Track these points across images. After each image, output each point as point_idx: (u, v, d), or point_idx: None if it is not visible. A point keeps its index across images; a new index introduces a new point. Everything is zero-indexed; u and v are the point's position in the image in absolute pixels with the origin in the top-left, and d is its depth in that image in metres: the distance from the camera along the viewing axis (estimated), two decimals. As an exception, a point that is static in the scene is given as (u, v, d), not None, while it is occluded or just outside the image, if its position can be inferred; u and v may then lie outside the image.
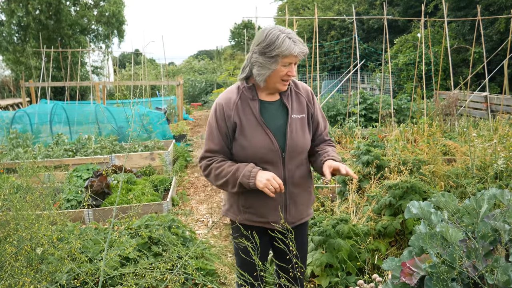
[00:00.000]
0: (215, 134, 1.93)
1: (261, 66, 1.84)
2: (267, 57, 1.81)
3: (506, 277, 1.51)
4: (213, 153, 1.94)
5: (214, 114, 1.95)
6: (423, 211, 1.76)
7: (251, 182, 1.81)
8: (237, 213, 2.00)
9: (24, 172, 2.86)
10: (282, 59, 1.80)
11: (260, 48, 1.83)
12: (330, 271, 2.75)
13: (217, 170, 1.90)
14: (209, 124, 1.97)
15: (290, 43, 1.78)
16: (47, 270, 2.16)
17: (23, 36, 17.78)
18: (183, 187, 5.89)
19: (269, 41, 1.80)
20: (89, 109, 8.03)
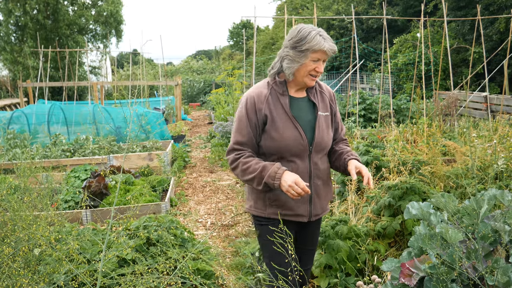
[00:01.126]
0: (244, 126, 1.99)
1: (291, 60, 1.95)
2: (297, 51, 1.93)
3: (506, 278, 1.51)
4: (241, 145, 2.00)
5: (244, 107, 2.01)
6: (422, 211, 1.76)
7: (276, 183, 1.88)
8: (262, 208, 2.05)
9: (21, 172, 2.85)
10: (311, 54, 1.91)
11: (291, 43, 1.95)
12: (329, 272, 2.74)
13: (244, 166, 1.96)
14: (238, 117, 2.02)
15: (320, 39, 1.90)
16: (45, 271, 2.15)
17: (21, 36, 17.73)
18: (182, 187, 5.88)
19: (300, 36, 1.92)
20: (87, 110, 8.01)
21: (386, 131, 6.28)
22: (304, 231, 2.15)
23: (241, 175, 1.98)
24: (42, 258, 2.26)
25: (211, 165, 7.13)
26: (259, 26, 31.88)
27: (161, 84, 12.84)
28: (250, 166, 1.94)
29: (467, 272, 1.53)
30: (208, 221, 4.61)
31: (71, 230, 2.99)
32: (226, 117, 8.32)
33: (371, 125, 8.22)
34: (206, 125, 12.24)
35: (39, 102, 11.05)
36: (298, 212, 2.03)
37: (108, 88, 17.88)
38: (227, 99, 9.89)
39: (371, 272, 2.80)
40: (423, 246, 1.65)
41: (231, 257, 3.58)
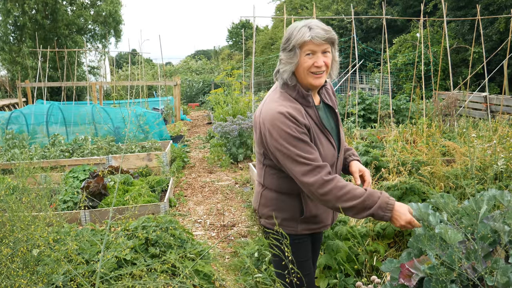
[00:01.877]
0: (306, 141, 1.69)
1: (283, 63, 1.75)
2: (286, 52, 1.73)
3: (506, 279, 1.51)
4: (319, 161, 1.69)
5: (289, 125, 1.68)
6: (421, 212, 1.75)
7: (386, 215, 1.65)
8: (293, 225, 1.84)
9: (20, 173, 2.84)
10: (300, 49, 1.69)
11: (281, 45, 1.76)
12: (328, 273, 2.74)
13: (341, 190, 1.65)
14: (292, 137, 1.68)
15: (305, 29, 1.67)
16: (44, 271, 2.14)
17: (19, 36, 17.70)
18: (181, 188, 5.87)
19: (288, 35, 1.72)
20: (85, 110, 8.00)
21: (386, 131, 6.28)
22: (318, 240, 2.07)
23: (336, 201, 1.65)
24: (40, 258, 2.25)
25: (210, 165, 7.12)
26: (258, 26, 31.91)
27: (160, 84, 12.83)
28: (348, 192, 1.64)
29: (466, 272, 1.53)
30: (207, 221, 4.60)
31: (70, 231, 2.98)
32: (225, 117, 8.32)
33: (371, 125, 8.23)
34: (205, 126, 12.23)
35: (38, 102, 11.03)
36: (327, 223, 1.91)
37: (107, 88, 17.86)
38: (226, 99, 9.88)
39: (370, 273, 2.79)
40: (422, 247, 1.65)
41: (230, 258, 3.57)
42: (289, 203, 1.85)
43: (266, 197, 1.88)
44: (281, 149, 1.69)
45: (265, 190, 1.88)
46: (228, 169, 6.86)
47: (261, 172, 1.90)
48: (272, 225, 1.84)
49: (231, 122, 7.29)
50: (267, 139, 1.74)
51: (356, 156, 2.00)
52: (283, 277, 1.81)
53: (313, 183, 1.66)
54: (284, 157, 1.70)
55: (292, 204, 1.85)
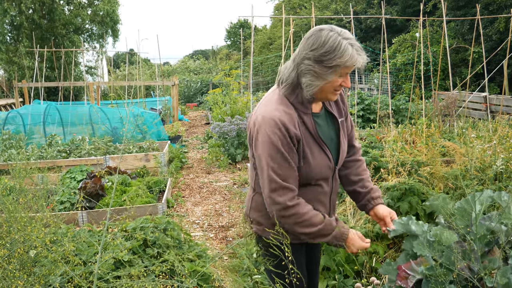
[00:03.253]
0: (286, 158, 1.61)
1: (315, 76, 1.57)
2: (324, 66, 1.55)
3: (506, 280, 1.50)
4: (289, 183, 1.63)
5: (278, 134, 1.59)
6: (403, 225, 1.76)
7: (339, 244, 1.70)
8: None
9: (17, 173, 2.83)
10: (341, 70, 1.56)
11: (315, 55, 1.55)
12: (327, 274, 2.73)
13: (301, 218, 1.64)
14: (273, 148, 1.60)
15: (353, 52, 1.54)
16: (40, 273, 2.13)
17: (16, 35, 17.63)
18: (179, 188, 5.85)
19: (328, 48, 1.53)
20: (83, 110, 7.98)
21: (385, 132, 6.27)
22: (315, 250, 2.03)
23: (293, 226, 1.65)
24: (37, 259, 2.24)
25: (208, 166, 7.10)
26: (257, 26, 31.90)
27: (158, 84, 12.81)
28: (308, 220, 1.64)
29: (463, 273, 1.53)
30: (205, 222, 4.59)
31: (67, 232, 2.97)
32: (223, 118, 8.31)
33: (370, 126, 8.22)
34: (203, 126, 12.22)
35: (35, 102, 10.99)
36: None
37: (104, 88, 17.82)
38: (224, 100, 9.87)
39: (369, 274, 2.78)
40: (417, 251, 1.64)
41: (228, 259, 3.56)
42: None
43: (257, 202, 1.81)
44: (260, 156, 1.63)
45: (256, 195, 1.82)
46: (226, 169, 6.84)
47: (253, 176, 1.83)
48: (262, 231, 1.78)
49: (229, 122, 7.28)
50: (253, 140, 1.68)
51: (381, 199, 1.90)
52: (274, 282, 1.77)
53: (278, 203, 1.63)
54: (260, 164, 1.65)
55: None
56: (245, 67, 14.56)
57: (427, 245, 1.63)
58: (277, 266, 1.72)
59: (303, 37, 1.66)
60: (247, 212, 1.89)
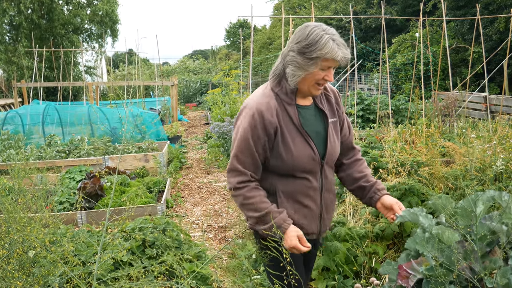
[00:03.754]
0: (249, 146, 1.73)
1: (297, 67, 1.69)
2: (306, 58, 1.67)
3: (506, 280, 1.50)
4: (244, 167, 1.76)
5: (250, 122, 1.72)
6: (410, 213, 1.74)
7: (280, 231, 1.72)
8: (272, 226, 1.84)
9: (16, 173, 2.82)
10: (322, 62, 1.67)
11: (299, 47, 1.68)
12: (327, 275, 2.73)
13: (246, 200, 1.75)
14: (242, 134, 1.74)
15: (334, 45, 1.64)
16: (40, 273, 2.12)
17: (15, 35, 17.61)
18: (178, 189, 5.84)
19: (310, 41, 1.65)
20: (82, 110, 7.97)
21: (385, 132, 6.27)
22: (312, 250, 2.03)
23: (240, 206, 1.80)
24: (36, 260, 2.24)
25: (208, 166, 7.10)
26: (256, 26, 31.89)
27: (157, 84, 12.80)
28: (253, 204, 1.74)
29: (464, 273, 1.53)
30: (204, 223, 4.58)
31: (66, 232, 2.96)
32: (223, 118, 8.30)
33: (369, 126, 8.22)
34: (202, 126, 12.21)
35: (34, 102, 10.98)
36: (310, 231, 1.86)
37: (103, 88, 17.79)
38: (224, 100, 9.86)
39: (369, 274, 2.78)
40: (420, 248, 1.64)
41: (227, 259, 3.55)
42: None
43: None
44: (233, 138, 1.81)
45: None
46: (225, 170, 6.83)
47: None
48: (252, 226, 1.84)
49: (229, 122, 7.27)
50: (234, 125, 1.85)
51: (385, 190, 1.94)
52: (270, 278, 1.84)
53: (230, 183, 1.80)
54: (232, 145, 1.83)
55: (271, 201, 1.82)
56: (245, 67, 14.55)
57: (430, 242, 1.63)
58: (274, 259, 1.75)
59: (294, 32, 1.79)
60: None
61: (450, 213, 1.70)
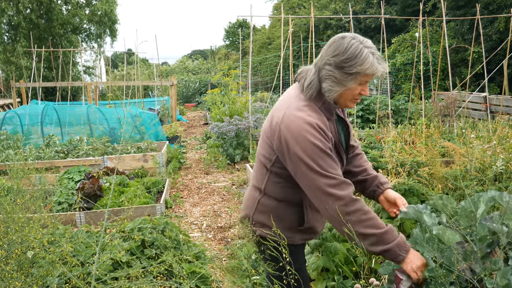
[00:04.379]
0: (334, 159, 1.64)
1: (335, 82, 1.62)
2: (344, 73, 1.60)
3: (506, 281, 1.49)
4: (347, 180, 1.65)
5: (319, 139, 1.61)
6: (416, 212, 1.73)
7: (401, 256, 1.57)
8: (291, 234, 1.81)
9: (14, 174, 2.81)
10: (361, 77, 1.61)
11: (337, 61, 1.60)
12: (326, 275, 2.72)
13: (366, 215, 1.59)
14: (320, 151, 1.61)
15: (374, 60, 1.59)
16: (38, 274, 2.11)
17: (14, 35, 17.58)
18: (177, 189, 5.83)
19: (350, 55, 1.58)
20: (80, 110, 7.95)
21: (384, 132, 6.27)
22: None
23: (357, 224, 1.58)
24: (35, 260, 2.23)
25: (207, 166, 7.09)
26: (256, 26, 31.86)
27: (156, 84, 12.78)
28: (372, 219, 1.58)
29: (464, 274, 1.52)
30: (203, 223, 4.57)
31: (65, 233, 2.95)
32: (222, 118, 8.29)
33: (369, 126, 8.21)
34: (201, 126, 12.20)
35: (33, 102, 10.96)
36: (319, 232, 1.90)
37: (102, 88, 17.77)
38: (223, 100, 9.85)
39: (368, 275, 2.78)
40: (420, 249, 1.63)
41: (227, 260, 3.55)
42: (289, 212, 1.80)
43: (264, 204, 1.81)
44: (306, 161, 1.60)
45: (264, 197, 1.82)
46: (225, 170, 6.83)
47: (262, 178, 1.82)
48: (269, 234, 1.75)
49: (228, 122, 7.27)
50: (289, 148, 1.64)
51: (389, 184, 1.92)
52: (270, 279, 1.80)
53: (343, 197, 1.59)
54: (308, 169, 1.61)
55: (292, 213, 1.81)
56: (244, 67, 14.55)
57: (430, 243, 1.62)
58: (281, 269, 1.72)
59: (327, 44, 1.69)
60: (249, 214, 1.86)
61: (451, 213, 1.69)
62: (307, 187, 1.65)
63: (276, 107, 1.78)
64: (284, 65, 13.00)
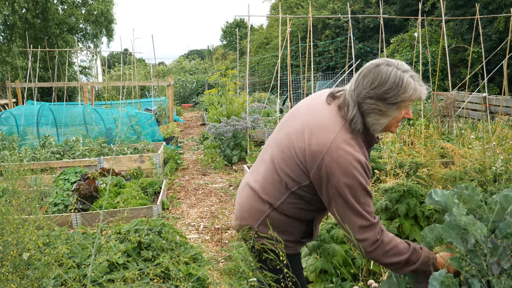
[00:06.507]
0: (371, 196, 1.65)
1: (380, 114, 1.58)
2: (388, 103, 1.56)
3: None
4: (376, 220, 1.64)
5: (364, 177, 1.60)
6: (447, 199, 1.63)
7: (429, 270, 1.60)
8: (294, 245, 1.82)
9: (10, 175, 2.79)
10: (406, 103, 1.58)
11: (378, 93, 1.55)
12: (324, 277, 2.71)
13: (388, 245, 1.61)
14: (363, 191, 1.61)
15: (416, 85, 1.56)
16: (34, 276, 2.10)
17: (9, 35, 17.46)
18: (174, 190, 5.81)
19: (391, 85, 1.54)
20: (76, 111, 7.91)
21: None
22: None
23: (382, 257, 1.61)
24: (31, 262, 2.21)
25: (204, 167, 7.06)
26: (253, 25, 31.87)
27: (153, 84, 12.74)
28: (394, 247, 1.61)
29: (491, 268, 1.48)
30: (200, 224, 4.55)
31: (60, 234, 2.92)
32: (219, 118, 8.27)
33: (367, 127, 8.21)
34: (198, 127, 12.17)
35: (28, 103, 10.90)
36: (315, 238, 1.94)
37: (98, 88, 17.70)
38: (220, 100, 9.83)
39: (367, 277, 2.76)
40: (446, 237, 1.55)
41: (224, 262, 3.53)
42: (297, 227, 1.80)
43: (273, 218, 1.75)
44: (347, 198, 1.58)
45: (273, 212, 1.75)
46: (222, 171, 6.81)
47: (278, 195, 1.72)
48: (273, 245, 1.70)
49: (225, 123, 7.24)
50: (331, 180, 1.59)
51: None
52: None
53: (367, 239, 1.61)
54: (346, 205, 1.60)
55: (300, 228, 1.81)
56: (241, 67, 14.53)
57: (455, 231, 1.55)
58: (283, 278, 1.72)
59: (359, 74, 1.63)
60: (252, 226, 1.79)
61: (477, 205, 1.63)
62: (338, 218, 1.65)
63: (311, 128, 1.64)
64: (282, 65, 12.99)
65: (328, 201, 1.65)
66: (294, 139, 1.66)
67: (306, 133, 1.63)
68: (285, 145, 1.69)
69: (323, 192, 1.64)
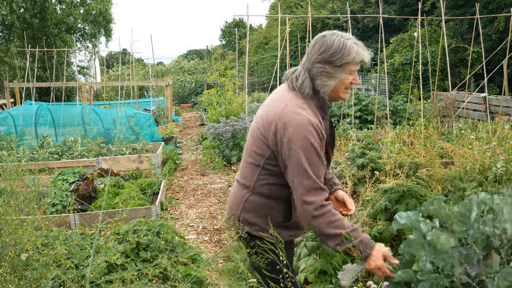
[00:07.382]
0: (322, 161, 1.72)
1: (328, 76, 1.73)
2: (334, 66, 1.71)
3: (507, 283, 1.49)
4: (323, 184, 1.72)
5: (315, 137, 1.69)
6: (411, 220, 1.74)
7: (367, 252, 1.66)
8: (279, 231, 1.83)
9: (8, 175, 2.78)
10: (350, 67, 1.72)
11: (325, 57, 1.71)
12: (324, 278, 2.70)
13: (333, 217, 1.69)
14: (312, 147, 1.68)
15: (359, 49, 1.71)
16: (32, 276, 2.09)
17: (7, 35, 17.43)
18: (172, 191, 5.79)
19: (336, 49, 1.70)
20: (75, 111, 7.90)
21: (382, 133, 6.26)
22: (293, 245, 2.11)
23: (326, 226, 1.68)
24: (29, 263, 2.20)
25: (203, 167, 7.05)
26: (252, 25, 31.87)
27: (152, 84, 12.73)
28: (338, 220, 1.68)
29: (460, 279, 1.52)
30: (199, 225, 4.54)
31: (59, 235, 2.91)
32: (218, 119, 8.26)
33: (367, 127, 8.20)
34: (197, 127, 12.15)
35: (26, 103, 10.87)
36: (305, 229, 1.95)
37: (97, 88, 17.67)
38: (219, 100, 9.82)
39: (366, 278, 2.76)
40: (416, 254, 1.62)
41: (223, 262, 3.52)
42: (276, 209, 1.84)
43: (252, 202, 1.85)
44: (298, 158, 1.68)
45: (252, 195, 1.85)
46: (221, 171, 6.80)
47: (251, 175, 1.84)
48: (258, 231, 1.82)
49: (224, 123, 7.24)
50: (284, 141, 1.70)
51: (339, 185, 2.06)
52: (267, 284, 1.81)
53: (314, 202, 1.68)
54: (297, 166, 1.69)
55: (279, 210, 1.84)
56: (240, 67, 14.52)
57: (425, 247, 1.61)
58: (271, 264, 1.77)
59: (310, 45, 1.80)
60: (236, 213, 1.90)
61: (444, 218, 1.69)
62: (291, 180, 1.73)
63: (268, 107, 1.81)
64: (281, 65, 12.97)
65: (284, 166, 1.74)
66: (259, 121, 1.83)
67: (265, 111, 1.81)
68: (253, 130, 1.86)
69: (280, 158, 1.74)
